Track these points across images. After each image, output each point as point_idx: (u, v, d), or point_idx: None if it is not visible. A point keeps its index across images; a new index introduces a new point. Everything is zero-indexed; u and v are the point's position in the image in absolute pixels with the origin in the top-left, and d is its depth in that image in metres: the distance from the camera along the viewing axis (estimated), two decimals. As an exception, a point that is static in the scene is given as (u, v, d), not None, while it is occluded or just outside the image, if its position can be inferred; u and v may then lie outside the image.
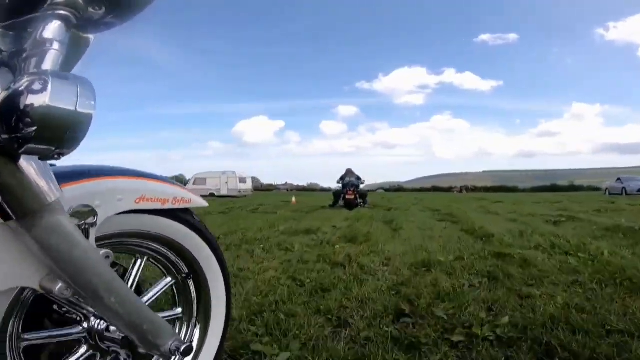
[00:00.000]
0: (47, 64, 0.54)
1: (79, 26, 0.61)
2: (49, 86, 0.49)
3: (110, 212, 0.80)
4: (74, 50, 0.64)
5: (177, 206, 0.96)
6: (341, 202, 12.15)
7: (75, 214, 0.71)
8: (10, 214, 0.58)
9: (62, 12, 0.56)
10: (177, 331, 1.07)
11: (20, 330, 0.76)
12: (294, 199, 16.88)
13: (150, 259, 1.03)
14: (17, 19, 0.57)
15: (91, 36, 0.68)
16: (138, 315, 0.75)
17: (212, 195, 30.59)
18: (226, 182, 30.61)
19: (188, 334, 1.11)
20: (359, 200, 12.01)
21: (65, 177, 0.74)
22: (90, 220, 0.74)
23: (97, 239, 0.76)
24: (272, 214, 9.16)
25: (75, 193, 0.75)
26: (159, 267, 1.06)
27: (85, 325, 0.84)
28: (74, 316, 0.84)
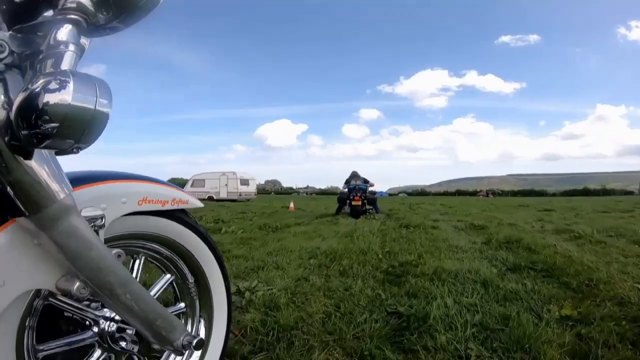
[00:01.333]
0: (66, 64, 0.56)
1: (88, 30, 0.64)
2: (71, 85, 0.52)
3: (116, 214, 0.85)
4: None
5: (175, 207, 1.03)
6: (347, 209, 10.97)
7: (85, 217, 0.74)
8: (23, 209, 0.62)
9: (73, 16, 0.59)
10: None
11: (35, 342, 0.79)
12: (292, 205, 15.31)
13: (152, 260, 1.08)
14: (26, 22, 0.61)
15: (87, 41, 0.68)
16: (152, 312, 0.81)
17: (210, 198, 27.83)
18: (225, 184, 27.30)
19: (194, 329, 1.17)
20: (368, 207, 10.79)
21: (73, 182, 0.76)
22: (99, 222, 0.79)
23: (104, 240, 0.80)
24: (227, 231, 6.58)
25: (84, 197, 0.79)
26: (160, 267, 1.12)
27: (96, 329, 0.88)
28: (84, 322, 0.88)
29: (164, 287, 1.10)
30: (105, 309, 0.89)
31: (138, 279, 0.99)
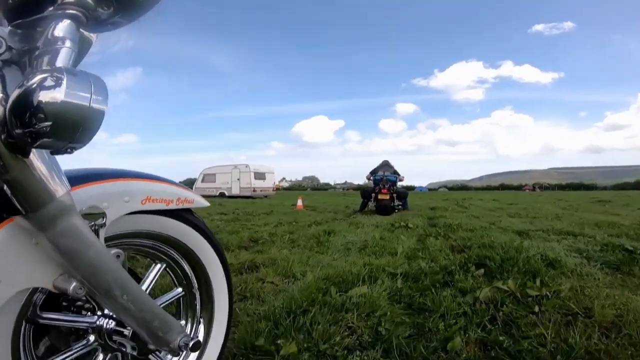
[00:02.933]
0: (60, 61, 0.57)
1: (88, 25, 0.66)
2: (64, 82, 0.52)
3: (118, 213, 0.86)
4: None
5: (180, 206, 1.04)
6: (371, 205, 9.54)
7: (86, 216, 0.77)
8: (20, 208, 0.63)
9: (72, 11, 0.60)
10: (183, 321, 1.19)
11: (38, 308, 0.82)
12: (299, 202, 13.22)
13: (155, 259, 1.12)
14: (26, 18, 0.61)
15: (94, 35, 0.72)
16: (149, 312, 0.84)
17: (222, 195, 24.58)
18: (238, 179, 23.96)
19: (194, 330, 1.20)
20: (396, 203, 9.24)
21: (75, 180, 0.79)
22: (99, 221, 0.80)
23: (105, 239, 0.84)
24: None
25: (85, 195, 0.80)
26: (169, 273, 1.17)
27: (92, 337, 0.90)
28: (79, 331, 0.91)
29: (172, 299, 1.15)
30: (97, 315, 0.90)
31: (150, 284, 1.06)
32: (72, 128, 0.54)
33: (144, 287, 1.04)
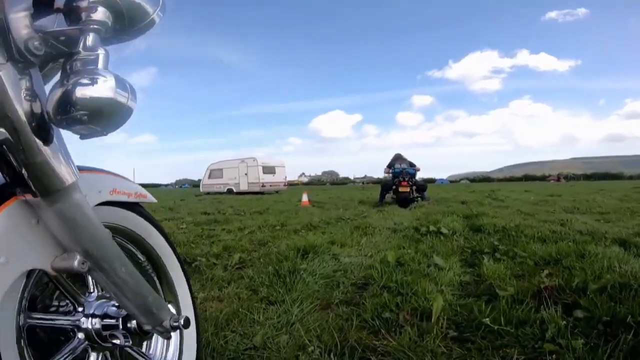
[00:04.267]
0: (102, 65, 0.65)
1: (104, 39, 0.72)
2: (112, 82, 0.63)
3: (93, 202, 0.89)
4: None
5: (137, 200, 1.08)
6: (389, 198, 9.85)
7: None
8: (35, 190, 0.68)
9: (96, 26, 0.67)
10: None
11: (27, 308, 0.82)
12: (305, 197, 11.32)
13: None
14: (60, 27, 0.69)
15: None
16: (144, 288, 0.88)
17: (230, 191, 22.89)
18: (245, 173, 22.22)
19: None
20: (415, 195, 9.30)
21: None
22: None
23: None
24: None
25: None
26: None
27: (81, 334, 0.90)
28: (72, 305, 0.91)
29: None
30: (78, 312, 0.90)
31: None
32: (106, 119, 0.64)
33: None
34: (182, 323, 0.94)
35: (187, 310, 1.26)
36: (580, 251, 2.85)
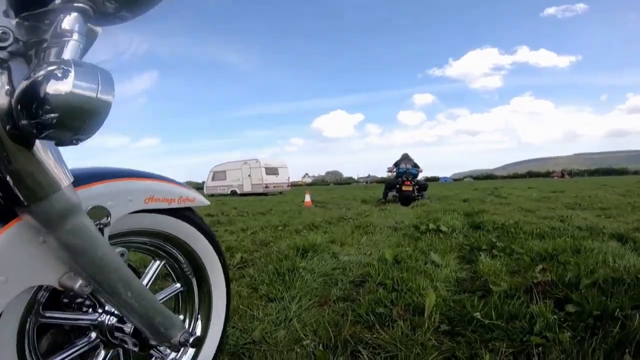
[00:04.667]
0: (68, 54, 0.58)
1: (95, 19, 0.66)
2: (72, 74, 0.53)
3: (122, 212, 0.87)
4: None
5: (182, 205, 1.05)
6: (390, 196, 10.64)
7: (91, 215, 0.78)
8: (22, 199, 0.62)
9: (80, 4, 0.60)
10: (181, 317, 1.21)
11: (41, 307, 0.83)
12: (308, 198, 11.44)
13: (155, 256, 1.13)
14: (34, 10, 0.61)
15: (99, 29, 0.72)
16: (152, 309, 0.85)
17: (233, 193, 22.99)
18: (248, 175, 22.33)
19: (192, 326, 1.22)
20: (416, 194, 9.99)
21: (80, 179, 0.80)
22: (104, 220, 0.81)
23: (109, 237, 0.85)
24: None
25: (90, 194, 0.81)
26: (164, 264, 1.16)
27: (94, 334, 0.92)
28: (81, 328, 0.93)
29: (171, 294, 1.16)
30: (98, 313, 0.91)
31: (150, 280, 1.06)
32: (78, 120, 0.55)
33: (144, 283, 1.02)
34: (190, 342, 0.92)
35: (217, 319, 1.23)
36: (576, 247, 2.88)
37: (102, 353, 0.94)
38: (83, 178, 0.81)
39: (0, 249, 0.67)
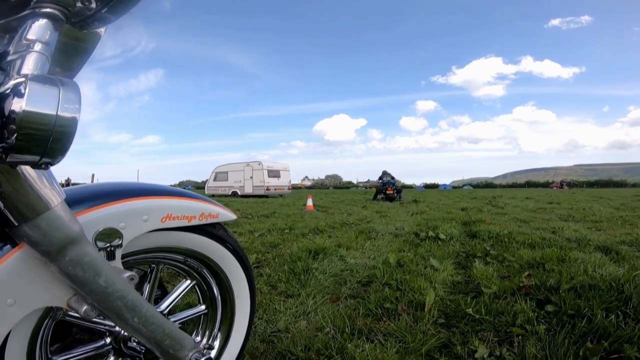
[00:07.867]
0: (27, 68, 0.52)
1: (74, 23, 0.62)
2: (27, 91, 0.48)
3: (136, 232, 0.85)
4: (77, 47, 0.68)
5: (204, 222, 1.02)
6: (379, 198, 15.93)
7: (101, 237, 0.77)
8: (12, 220, 0.61)
9: (48, 10, 0.55)
10: (199, 335, 1.20)
11: (49, 355, 0.85)
12: (309, 202, 11.68)
13: (187, 275, 1.13)
14: (5, 19, 0.57)
15: (102, 30, 0.69)
16: (160, 333, 0.83)
17: (234, 194, 23.13)
18: (250, 177, 22.50)
19: (209, 342, 1.20)
20: (397, 195, 15.39)
21: (91, 200, 0.79)
22: (116, 242, 0.80)
23: (123, 255, 0.85)
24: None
25: (101, 216, 0.79)
26: (194, 284, 1.16)
27: (109, 339, 0.93)
28: (97, 332, 0.94)
29: (193, 315, 1.16)
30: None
31: (175, 299, 1.09)
32: (40, 139, 0.49)
33: (168, 302, 1.07)
34: None
35: (237, 335, 1.22)
36: (562, 257, 3.18)
37: (112, 359, 0.95)
38: (94, 198, 0.80)
39: (8, 272, 0.67)
